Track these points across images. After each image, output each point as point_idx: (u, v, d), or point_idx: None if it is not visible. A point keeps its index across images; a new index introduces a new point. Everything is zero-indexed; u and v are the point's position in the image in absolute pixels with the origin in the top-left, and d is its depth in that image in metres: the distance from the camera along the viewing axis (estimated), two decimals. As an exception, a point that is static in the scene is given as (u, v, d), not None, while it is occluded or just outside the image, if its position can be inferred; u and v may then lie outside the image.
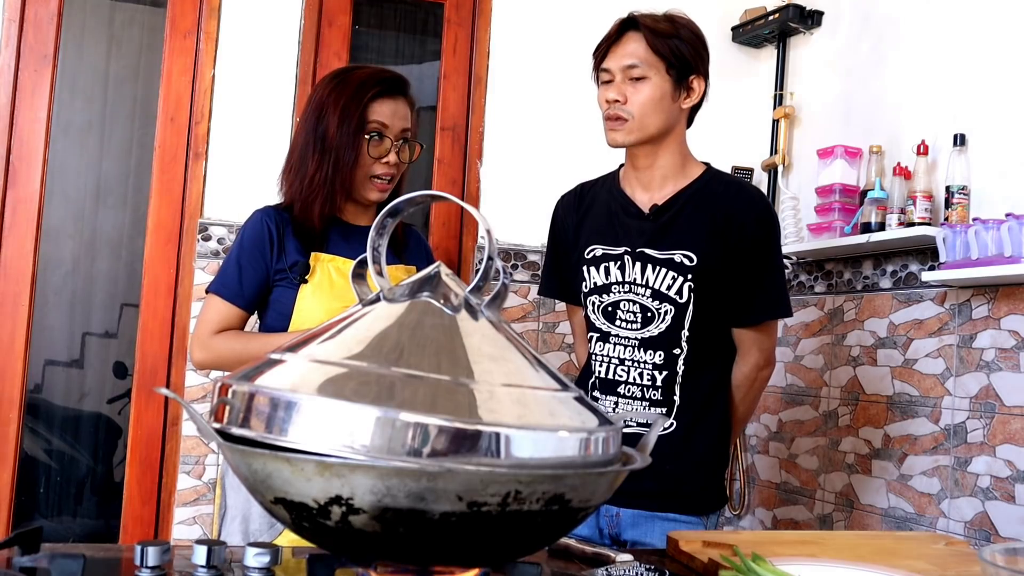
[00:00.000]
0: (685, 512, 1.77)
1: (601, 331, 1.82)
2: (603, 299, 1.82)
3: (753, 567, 1.04)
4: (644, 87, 1.75)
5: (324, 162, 1.73)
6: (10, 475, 2.48)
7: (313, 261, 1.74)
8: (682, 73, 1.78)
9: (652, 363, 1.77)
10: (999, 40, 2.29)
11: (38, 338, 2.64)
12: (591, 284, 1.84)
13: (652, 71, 1.75)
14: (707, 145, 3.16)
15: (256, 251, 1.74)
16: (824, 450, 2.74)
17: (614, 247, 1.82)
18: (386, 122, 1.75)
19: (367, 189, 1.77)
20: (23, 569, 0.90)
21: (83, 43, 2.83)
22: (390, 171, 1.77)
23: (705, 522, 1.79)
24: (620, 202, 1.85)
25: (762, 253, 1.80)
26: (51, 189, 2.63)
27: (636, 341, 1.78)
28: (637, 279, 1.78)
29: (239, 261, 1.75)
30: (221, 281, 1.75)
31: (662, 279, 1.76)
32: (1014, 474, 2.14)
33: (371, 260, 0.95)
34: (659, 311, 1.77)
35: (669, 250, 1.77)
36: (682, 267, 1.75)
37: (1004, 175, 2.24)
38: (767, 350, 1.86)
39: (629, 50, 1.76)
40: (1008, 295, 2.19)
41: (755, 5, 3.07)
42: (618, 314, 1.80)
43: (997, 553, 0.91)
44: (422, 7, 2.99)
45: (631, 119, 1.76)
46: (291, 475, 0.76)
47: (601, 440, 0.86)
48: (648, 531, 1.75)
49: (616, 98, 1.76)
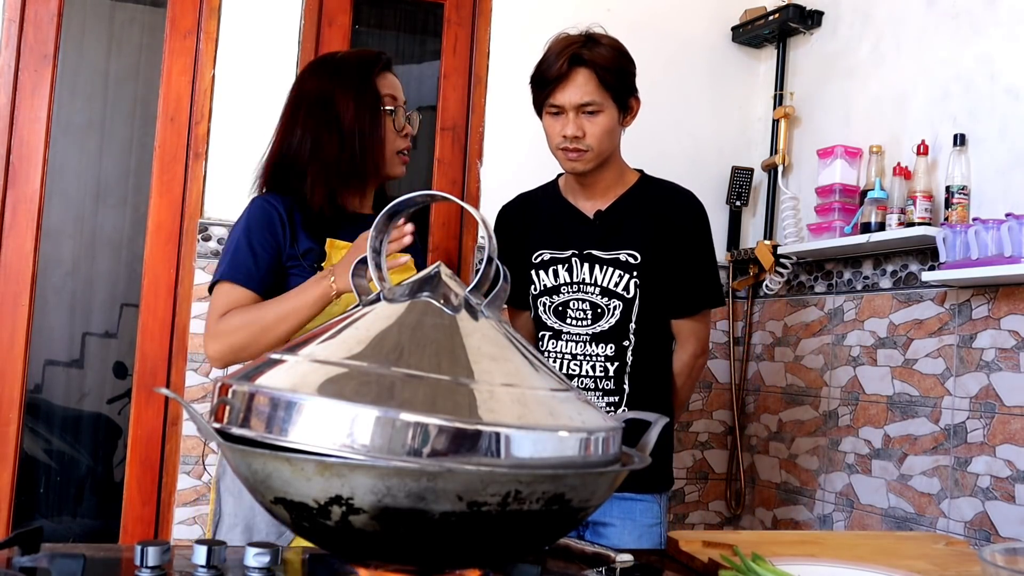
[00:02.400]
0: (641, 491, 1.89)
1: (553, 329, 1.94)
2: (553, 300, 1.94)
3: (753, 567, 1.04)
4: (600, 119, 1.86)
5: (347, 146, 1.69)
6: (10, 475, 2.48)
7: (328, 248, 1.70)
8: (624, 98, 1.88)
9: (604, 356, 1.90)
10: (999, 40, 2.29)
11: (38, 338, 2.64)
12: (541, 286, 1.96)
13: (605, 104, 1.85)
14: (707, 145, 3.19)
15: (267, 232, 1.67)
16: (824, 450, 2.74)
17: (561, 251, 1.94)
18: (395, 94, 1.77)
19: (394, 165, 1.78)
20: (23, 569, 0.90)
21: (83, 43, 2.83)
22: (407, 144, 1.78)
23: (659, 500, 1.93)
24: (564, 209, 1.98)
25: (697, 248, 1.98)
26: (51, 189, 2.62)
27: (587, 336, 1.91)
28: (586, 279, 1.92)
29: (250, 243, 1.66)
30: (231, 266, 1.65)
31: (609, 277, 1.91)
32: (1014, 474, 2.14)
33: (371, 260, 0.95)
34: (608, 307, 1.91)
35: (615, 250, 1.91)
36: (627, 265, 1.90)
37: (1004, 175, 2.24)
38: (703, 339, 2.03)
39: (581, 87, 1.84)
40: (1008, 295, 2.19)
41: (755, 5, 3.07)
42: (568, 312, 1.93)
43: (997, 553, 0.91)
44: (422, 7, 2.99)
45: (590, 150, 1.87)
46: (291, 475, 0.76)
47: (601, 440, 0.86)
48: (607, 511, 1.87)
49: (576, 134, 1.85)
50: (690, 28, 3.08)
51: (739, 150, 3.11)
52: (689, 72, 3.09)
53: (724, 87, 3.14)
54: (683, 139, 3.06)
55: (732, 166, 3.06)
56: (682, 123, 3.07)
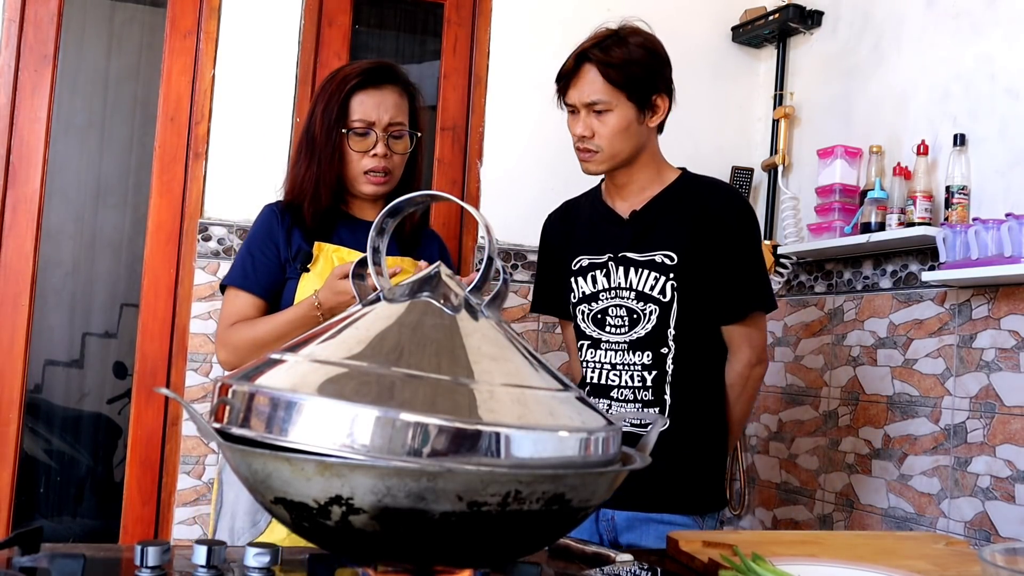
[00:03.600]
0: (680, 512, 1.77)
1: (592, 338, 1.86)
2: (591, 307, 1.86)
3: (753, 567, 1.04)
4: (609, 119, 1.79)
5: (312, 162, 1.76)
6: (10, 475, 2.48)
7: (316, 251, 1.75)
8: (643, 96, 1.80)
9: (641, 364, 1.80)
10: (999, 40, 2.29)
11: (38, 338, 2.64)
12: (579, 294, 1.88)
13: (614, 102, 1.78)
14: (707, 145, 3.18)
15: (266, 238, 1.76)
16: (824, 450, 2.74)
17: (598, 255, 1.87)
18: (369, 116, 1.74)
19: (361, 184, 1.77)
20: (23, 569, 0.90)
21: (83, 43, 2.83)
22: (380, 164, 1.75)
23: (701, 523, 1.79)
24: (602, 212, 1.91)
25: (742, 247, 1.83)
26: (51, 189, 2.62)
27: (625, 344, 1.81)
28: (621, 283, 1.83)
29: (250, 250, 1.76)
30: (233, 271, 1.77)
31: (645, 280, 1.80)
32: (1014, 474, 2.14)
33: (371, 260, 0.95)
34: (644, 312, 1.80)
35: (650, 251, 1.81)
36: (663, 267, 1.79)
37: (1004, 175, 2.24)
38: (757, 346, 1.86)
39: (588, 85, 1.79)
40: (1008, 295, 2.19)
41: (755, 5, 3.07)
42: (607, 320, 1.84)
43: (997, 553, 0.91)
44: (422, 7, 2.99)
45: (600, 151, 1.81)
46: (291, 475, 0.76)
47: (601, 440, 0.86)
48: (643, 534, 1.76)
49: (583, 133, 1.80)
50: (690, 28, 3.08)
51: (739, 150, 3.11)
52: (689, 72, 3.08)
53: (724, 87, 3.14)
54: (683, 139, 3.05)
55: (732, 166, 3.06)
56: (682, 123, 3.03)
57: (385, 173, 1.76)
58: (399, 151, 1.78)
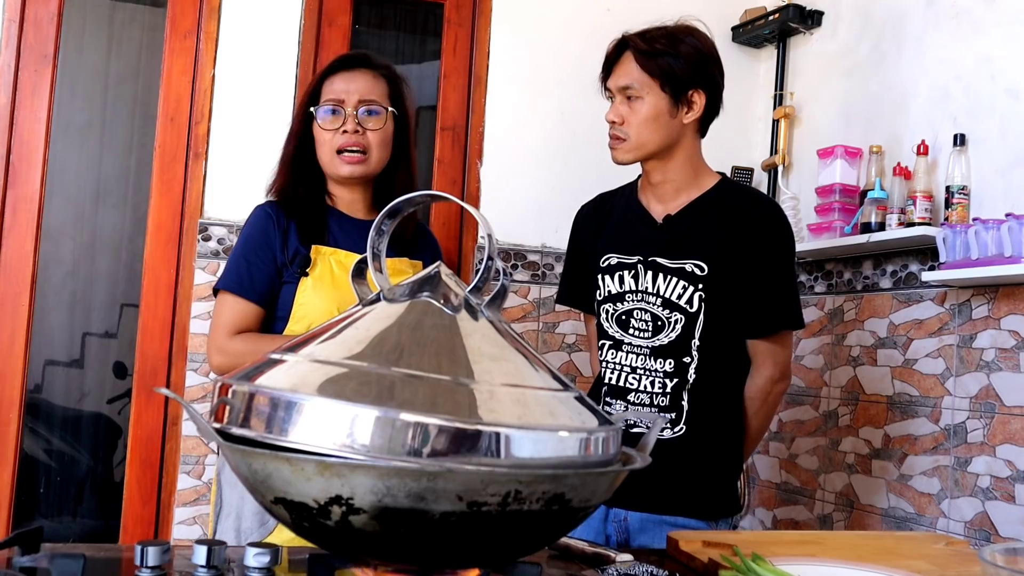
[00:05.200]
0: (692, 516, 1.76)
1: (614, 339, 1.84)
2: (617, 307, 1.84)
3: (753, 567, 1.04)
4: (639, 106, 1.78)
5: (288, 143, 1.83)
6: (10, 475, 2.48)
7: (314, 254, 1.72)
8: (678, 89, 1.78)
9: (663, 371, 1.78)
10: (999, 40, 2.29)
11: (38, 338, 2.63)
12: (605, 292, 1.86)
13: (646, 90, 1.77)
14: (707, 145, 3.17)
15: (262, 242, 1.73)
16: (824, 450, 2.73)
17: (628, 256, 1.84)
18: (339, 95, 1.76)
19: (337, 165, 1.76)
20: (23, 569, 0.90)
21: (83, 43, 2.83)
22: (351, 141, 1.74)
23: (714, 528, 1.78)
24: (636, 212, 1.88)
25: (777, 261, 1.81)
26: (51, 189, 2.62)
27: (648, 349, 1.79)
28: (649, 287, 1.80)
29: (245, 255, 1.72)
30: (228, 277, 1.73)
31: (672, 288, 1.78)
32: (1014, 474, 2.14)
33: (371, 260, 0.95)
34: (669, 320, 1.78)
35: (680, 259, 1.78)
36: (693, 276, 1.77)
37: (1004, 175, 2.24)
38: (782, 363, 1.84)
39: (623, 71, 1.80)
40: (1008, 295, 2.19)
41: (755, 5, 3.07)
42: (631, 322, 1.81)
43: (997, 553, 0.91)
44: (422, 7, 2.99)
45: (628, 139, 1.79)
46: (291, 475, 0.76)
47: (601, 440, 0.86)
48: (655, 536, 1.74)
49: (613, 119, 1.80)
50: (690, 28, 3.08)
51: (739, 150, 3.11)
52: (689, 72, 3.09)
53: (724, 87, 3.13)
54: (683, 139, 3.06)
55: (732, 166, 3.05)
56: (682, 123, 3.06)
57: (361, 151, 1.75)
58: (372, 127, 1.76)
